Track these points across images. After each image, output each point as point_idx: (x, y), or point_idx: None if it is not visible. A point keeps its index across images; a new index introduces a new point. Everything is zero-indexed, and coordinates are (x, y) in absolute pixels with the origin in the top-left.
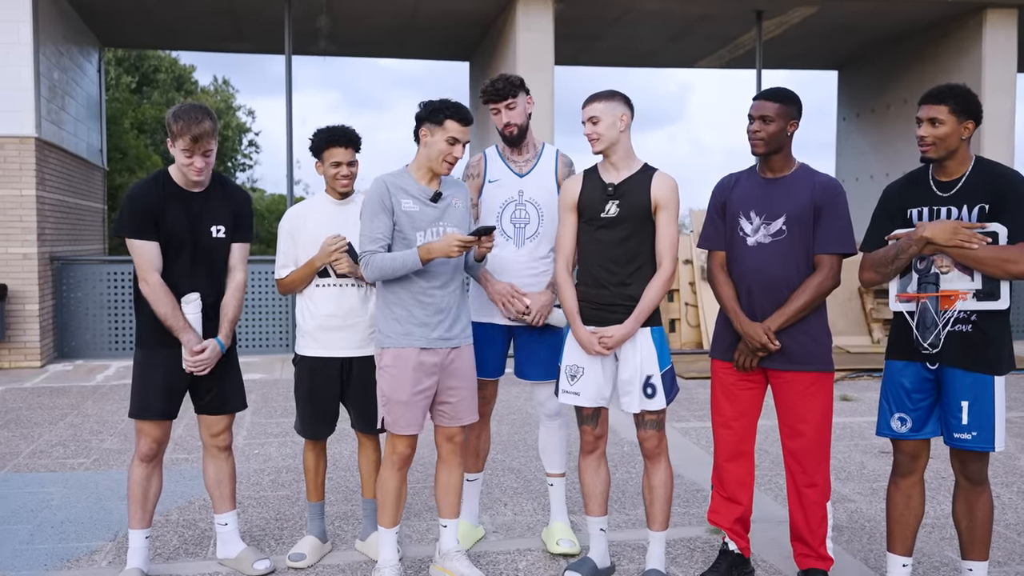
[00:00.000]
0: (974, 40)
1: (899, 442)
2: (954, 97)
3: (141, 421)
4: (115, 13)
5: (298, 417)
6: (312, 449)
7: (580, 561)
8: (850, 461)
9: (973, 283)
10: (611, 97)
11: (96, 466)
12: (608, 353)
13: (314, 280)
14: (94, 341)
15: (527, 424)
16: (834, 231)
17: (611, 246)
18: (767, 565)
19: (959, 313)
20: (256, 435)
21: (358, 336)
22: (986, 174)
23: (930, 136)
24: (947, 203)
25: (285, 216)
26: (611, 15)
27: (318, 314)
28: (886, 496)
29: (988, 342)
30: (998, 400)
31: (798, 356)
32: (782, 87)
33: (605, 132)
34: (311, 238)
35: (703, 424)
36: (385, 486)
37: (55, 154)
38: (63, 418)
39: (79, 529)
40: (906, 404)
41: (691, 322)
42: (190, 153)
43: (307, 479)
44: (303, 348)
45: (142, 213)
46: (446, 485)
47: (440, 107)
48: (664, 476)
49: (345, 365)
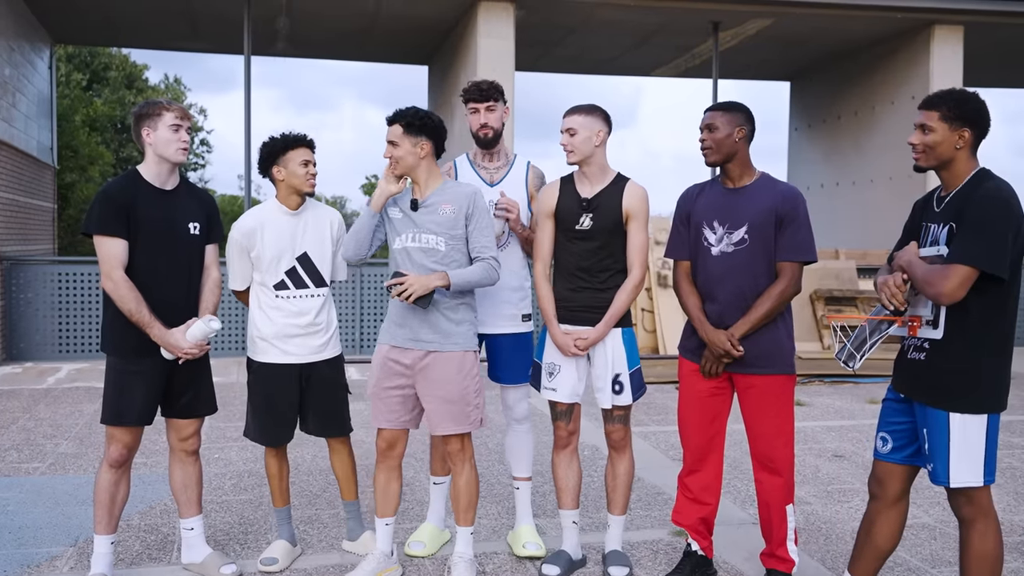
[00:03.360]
0: (922, 54)
1: (874, 463)
2: (948, 102)
3: (115, 428)
4: (68, 9)
5: (253, 425)
6: (274, 455)
7: (556, 555)
8: (804, 465)
9: (924, 310)
10: (591, 112)
11: (52, 471)
12: (583, 354)
13: (273, 293)
14: (44, 343)
15: (489, 430)
16: (795, 240)
17: (585, 255)
18: (728, 567)
19: (917, 341)
20: (215, 439)
21: (317, 342)
22: (970, 190)
23: (920, 143)
24: (935, 220)
25: (236, 229)
26: (571, 23)
27: (278, 322)
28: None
29: (939, 374)
30: (955, 436)
31: (762, 360)
32: (730, 100)
33: (580, 145)
34: (269, 254)
35: (662, 428)
36: (376, 479)
37: (5, 152)
38: (15, 422)
39: (38, 535)
40: (889, 424)
41: (647, 327)
42: (178, 127)
43: (271, 485)
44: (258, 355)
45: (114, 210)
46: (452, 493)
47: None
48: (627, 466)
49: (304, 371)
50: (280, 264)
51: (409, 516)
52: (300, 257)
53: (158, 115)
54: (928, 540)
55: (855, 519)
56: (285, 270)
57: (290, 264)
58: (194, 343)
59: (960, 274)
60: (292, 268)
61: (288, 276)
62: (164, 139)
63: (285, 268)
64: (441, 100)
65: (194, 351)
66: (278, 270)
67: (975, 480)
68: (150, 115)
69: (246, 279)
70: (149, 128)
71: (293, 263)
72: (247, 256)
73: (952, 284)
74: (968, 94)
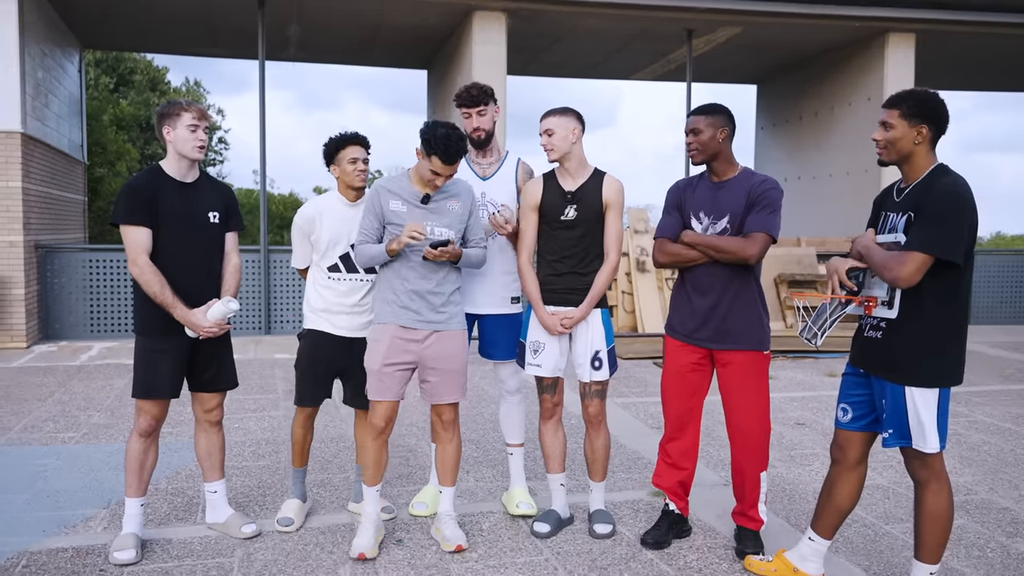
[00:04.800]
0: (877, 59)
1: (835, 431)
2: (907, 101)
3: (144, 401)
4: (96, 16)
5: (296, 387)
6: (301, 423)
7: (546, 513)
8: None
9: (880, 291)
10: (564, 113)
11: (86, 439)
12: (567, 331)
13: (327, 274)
14: (76, 323)
15: (484, 400)
16: (759, 216)
17: (569, 243)
18: (702, 523)
19: (873, 320)
20: (235, 411)
21: (360, 321)
22: (929, 183)
23: (882, 139)
24: (895, 209)
25: (299, 215)
26: (558, 31)
27: (328, 299)
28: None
29: (895, 351)
30: (911, 406)
31: (740, 337)
32: (711, 102)
33: (558, 144)
34: (326, 237)
35: (641, 400)
36: (366, 450)
37: (39, 149)
38: (51, 395)
39: (73, 498)
40: (849, 396)
41: (627, 308)
42: (196, 127)
43: (294, 447)
44: (310, 323)
45: (138, 202)
46: (441, 458)
47: (432, 140)
48: (604, 440)
49: (345, 344)
50: (335, 249)
51: (413, 479)
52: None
53: (177, 115)
54: (882, 499)
55: (816, 481)
56: (339, 255)
57: (344, 250)
58: (214, 322)
59: (916, 260)
60: (346, 254)
61: (341, 260)
62: (182, 137)
63: (340, 253)
64: (440, 101)
65: (214, 330)
66: (333, 254)
67: (929, 447)
68: (170, 115)
69: (306, 259)
70: (169, 127)
71: (347, 249)
72: (307, 239)
73: (909, 269)
74: (928, 94)
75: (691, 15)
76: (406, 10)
